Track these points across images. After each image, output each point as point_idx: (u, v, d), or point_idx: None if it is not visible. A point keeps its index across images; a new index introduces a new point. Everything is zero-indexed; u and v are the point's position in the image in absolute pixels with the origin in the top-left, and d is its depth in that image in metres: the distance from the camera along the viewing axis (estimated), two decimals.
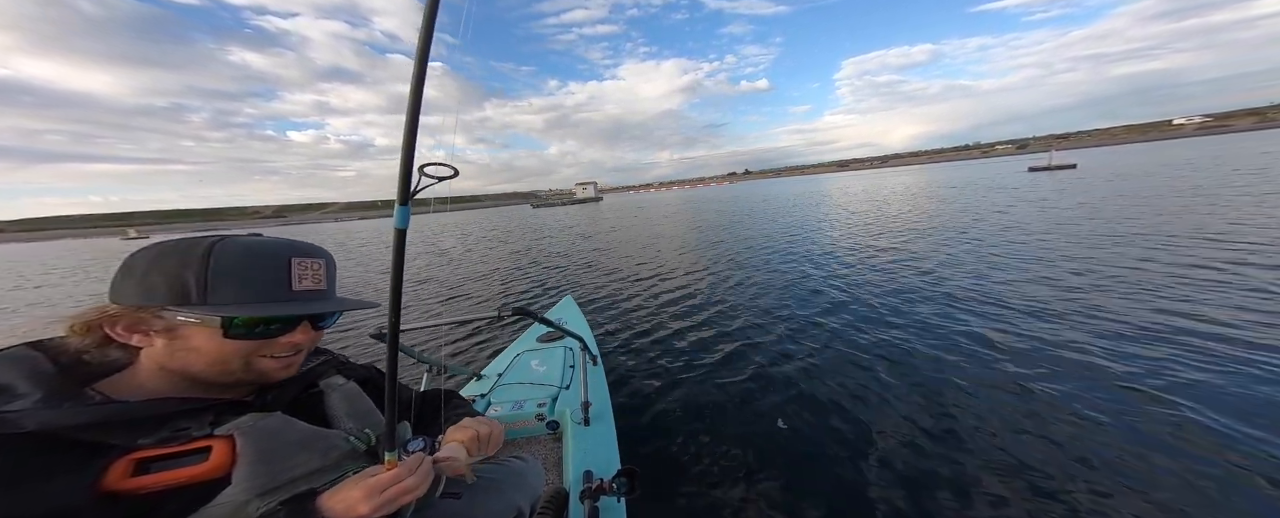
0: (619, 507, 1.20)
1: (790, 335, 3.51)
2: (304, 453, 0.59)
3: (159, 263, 0.54)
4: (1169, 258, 4.52)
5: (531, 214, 46.15)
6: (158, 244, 0.56)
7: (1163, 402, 2.11)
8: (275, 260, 0.59)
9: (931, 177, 37.57)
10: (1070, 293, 3.77)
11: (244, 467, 0.53)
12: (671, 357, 3.27)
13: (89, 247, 52.78)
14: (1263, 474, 1.61)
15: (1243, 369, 2.31)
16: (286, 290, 0.59)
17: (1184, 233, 5.56)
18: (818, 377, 2.73)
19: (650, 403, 2.60)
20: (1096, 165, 26.12)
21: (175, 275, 0.53)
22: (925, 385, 2.48)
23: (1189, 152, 32.00)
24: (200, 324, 0.54)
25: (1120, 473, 1.70)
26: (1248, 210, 6.72)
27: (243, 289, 0.56)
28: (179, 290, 0.53)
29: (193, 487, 0.50)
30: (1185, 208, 7.53)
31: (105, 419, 0.49)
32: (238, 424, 0.56)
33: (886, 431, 2.10)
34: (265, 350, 0.60)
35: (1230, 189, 9.44)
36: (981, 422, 2.09)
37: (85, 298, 8.96)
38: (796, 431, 2.19)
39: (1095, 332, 2.93)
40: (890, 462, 1.89)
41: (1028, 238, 6.27)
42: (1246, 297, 3.27)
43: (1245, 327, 2.78)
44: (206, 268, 0.54)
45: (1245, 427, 1.87)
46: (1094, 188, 12.59)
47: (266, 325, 0.59)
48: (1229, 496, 1.55)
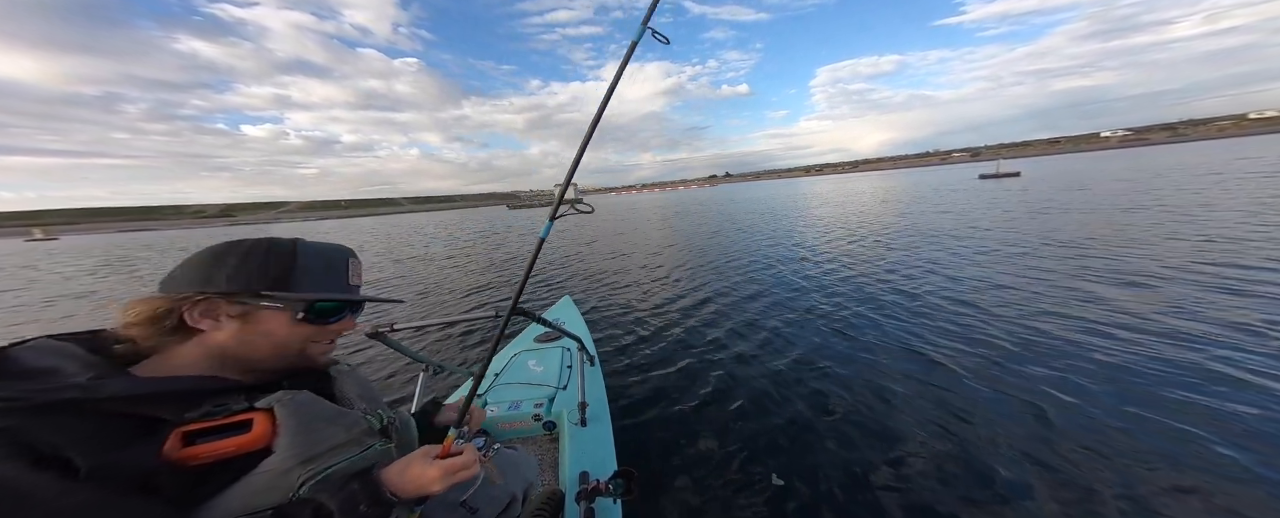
0: (615, 508, 1.20)
1: (786, 335, 3.51)
2: (332, 427, 0.63)
3: (247, 256, 0.61)
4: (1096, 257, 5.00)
5: (506, 216, 45.12)
6: (232, 243, 0.63)
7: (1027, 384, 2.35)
8: (341, 259, 0.71)
9: (899, 182, 39.14)
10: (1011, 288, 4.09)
11: (286, 437, 0.57)
12: (668, 358, 3.26)
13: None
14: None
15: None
16: (345, 284, 0.70)
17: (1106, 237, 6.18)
18: (817, 376, 2.74)
19: (647, 404, 2.59)
20: (1038, 173, 28.56)
21: (267, 266, 0.61)
22: (934, 387, 2.47)
23: (1115, 163, 35.28)
24: (278, 309, 0.62)
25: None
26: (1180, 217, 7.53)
27: (320, 281, 0.66)
28: (273, 278, 0.61)
29: (238, 457, 0.54)
30: (1117, 216, 8.34)
31: (160, 393, 0.53)
32: (276, 398, 0.59)
33: (891, 432, 2.10)
34: (319, 337, 0.68)
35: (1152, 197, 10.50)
36: (997, 433, 2.05)
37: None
38: (795, 434, 2.18)
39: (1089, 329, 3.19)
40: (893, 463, 1.88)
41: (995, 241, 6.79)
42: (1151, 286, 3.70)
43: (1149, 314, 3.14)
44: (294, 261, 0.63)
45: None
46: (1039, 194, 13.68)
47: (332, 313, 0.68)
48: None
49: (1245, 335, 2.78)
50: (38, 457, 0.43)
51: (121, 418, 0.50)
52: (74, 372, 0.50)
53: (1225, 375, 2.35)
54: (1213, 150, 52.67)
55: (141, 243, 36.53)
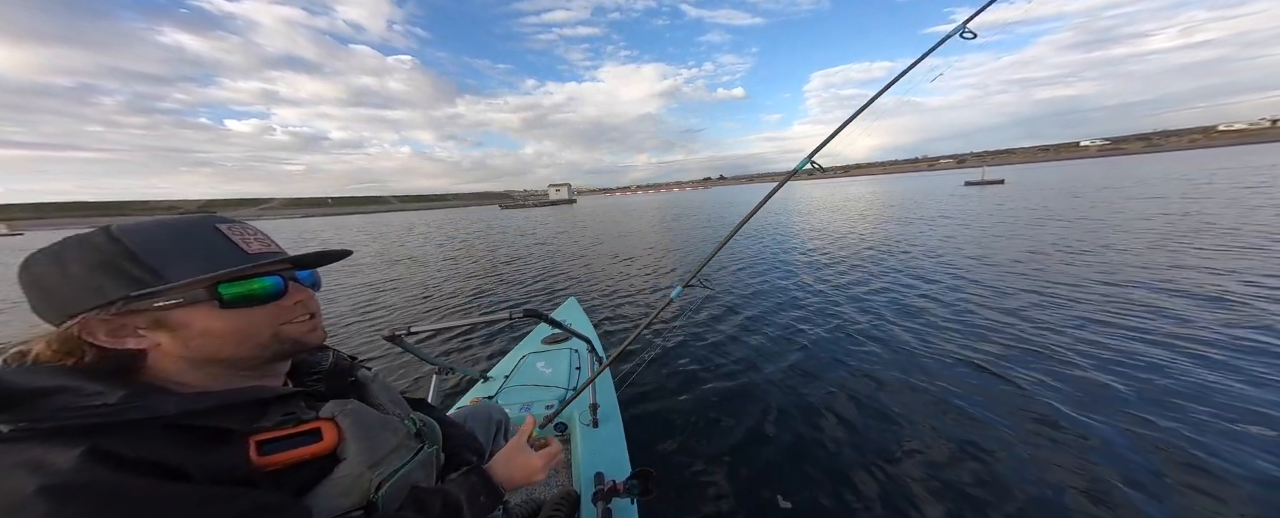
0: (632, 508, 1.21)
1: (802, 332, 3.52)
2: (385, 432, 0.65)
3: (89, 259, 0.48)
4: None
5: (500, 216, 44.65)
6: (51, 250, 0.49)
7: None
8: (202, 229, 0.55)
9: (891, 187, 39.43)
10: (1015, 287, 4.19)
11: (353, 443, 0.59)
12: (678, 357, 3.28)
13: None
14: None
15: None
16: (244, 254, 0.55)
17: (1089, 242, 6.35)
18: (833, 376, 2.75)
19: (658, 404, 2.59)
20: (1021, 180, 29.29)
21: (113, 266, 0.48)
22: (950, 389, 2.46)
23: (1093, 171, 36.42)
24: (191, 305, 0.51)
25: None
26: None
27: (202, 261, 0.52)
28: (133, 278, 0.48)
29: (312, 463, 0.56)
30: (1098, 220, 8.57)
31: (227, 405, 0.52)
32: (336, 408, 0.61)
33: (908, 434, 2.10)
34: (283, 317, 0.58)
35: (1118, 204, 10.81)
36: (1009, 441, 2.02)
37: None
38: (811, 434, 2.18)
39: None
40: (914, 466, 1.88)
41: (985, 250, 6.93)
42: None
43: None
44: (132, 249, 0.49)
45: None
46: (1021, 199, 14.02)
47: (260, 289, 0.55)
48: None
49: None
50: (156, 465, 0.44)
51: (195, 430, 0.49)
52: (96, 390, 0.46)
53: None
54: (1195, 159, 54.45)
55: None
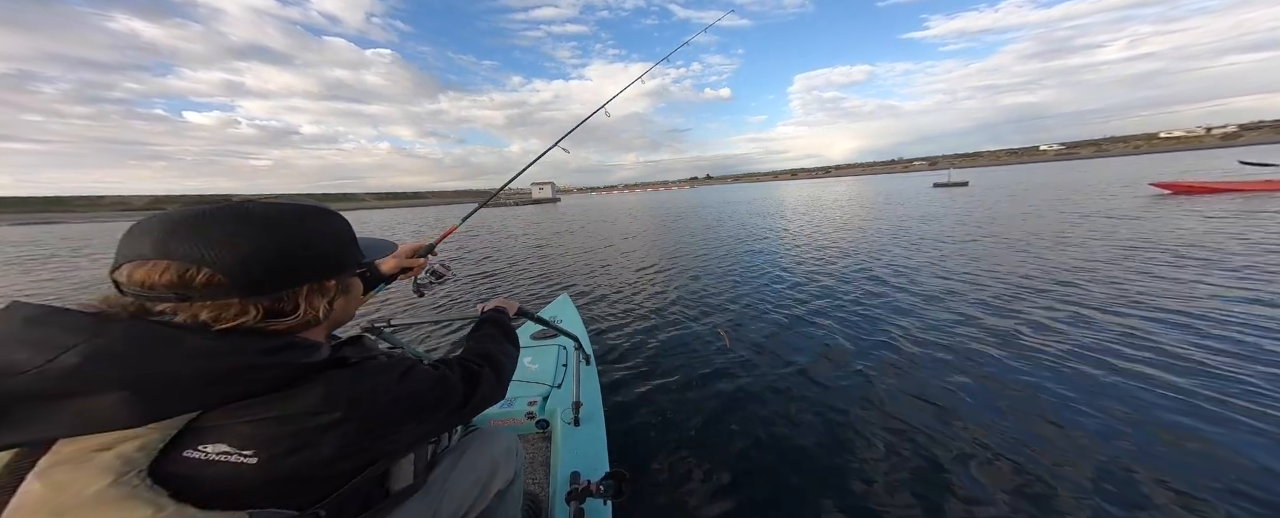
0: (605, 509, 1.18)
1: (788, 338, 3.51)
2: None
3: (321, 233, 0.63)
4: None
5: (481, 214, 43.68)
6: (290, 224, 0.59)
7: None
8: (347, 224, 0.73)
9: (870, 188, 39.81)
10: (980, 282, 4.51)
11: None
12: (666, 359, 3.24)
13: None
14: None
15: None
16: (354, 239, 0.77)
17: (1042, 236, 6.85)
18: (816, 383, 2.73)
19: (642, 406, 2.55)
20: (985, 182, 30.86)
21: (345, 240, 0.68)
22: (930, 392, 2.47)
23: (1049, 175, 38.72)
24: (356, 275, 0.72)
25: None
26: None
27: (360, 244, 0.74)
28: (355, 256, 0.70)
29: None
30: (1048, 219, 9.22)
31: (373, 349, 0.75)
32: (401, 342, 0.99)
33: (888, 437, 2.10)
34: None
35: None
36: (996, 437, 2.05)
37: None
38: (792, 437, 2.16)
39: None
40: (890, 468, 1.87)
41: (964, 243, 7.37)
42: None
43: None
44: (346, 229, 0.69)
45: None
46: (984, 200, 14.88)
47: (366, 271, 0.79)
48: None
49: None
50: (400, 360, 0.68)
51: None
52: (316, 341, 0.64)
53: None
54: (1134, 164, 57.99)
55: (59, 235, 32.82)
